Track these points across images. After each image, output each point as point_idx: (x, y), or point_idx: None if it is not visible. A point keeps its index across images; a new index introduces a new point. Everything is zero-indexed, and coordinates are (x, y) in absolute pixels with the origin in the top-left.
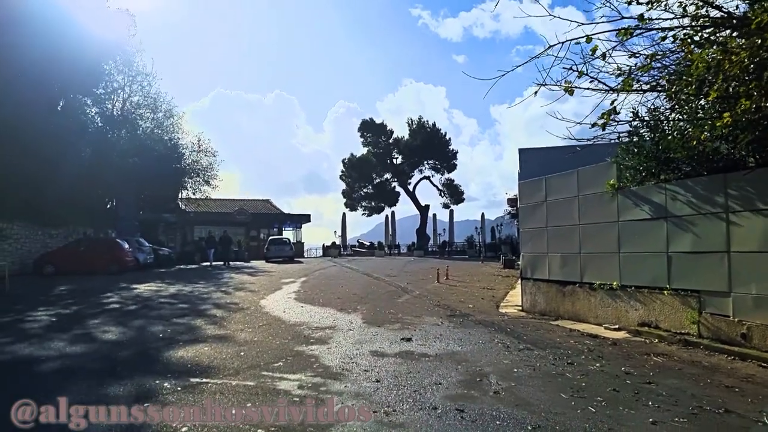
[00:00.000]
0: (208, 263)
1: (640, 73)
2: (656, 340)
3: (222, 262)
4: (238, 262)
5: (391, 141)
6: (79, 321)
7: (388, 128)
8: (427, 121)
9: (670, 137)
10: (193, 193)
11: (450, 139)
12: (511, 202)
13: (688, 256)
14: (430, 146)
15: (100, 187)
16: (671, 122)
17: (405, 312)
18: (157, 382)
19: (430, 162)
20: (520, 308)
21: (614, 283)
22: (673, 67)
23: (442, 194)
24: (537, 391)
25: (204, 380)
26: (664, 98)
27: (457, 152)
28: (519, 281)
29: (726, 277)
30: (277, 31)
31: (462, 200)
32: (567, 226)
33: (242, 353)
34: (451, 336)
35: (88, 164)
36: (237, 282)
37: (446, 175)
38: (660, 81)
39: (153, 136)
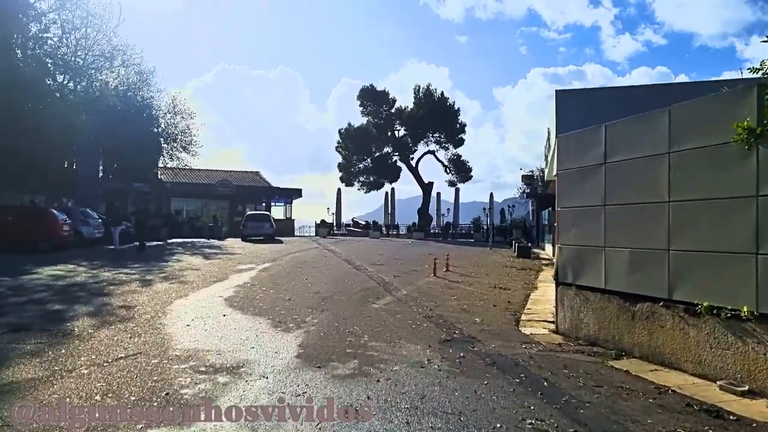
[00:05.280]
0: (117, 246)
1: None
2: None
3: (137, 243)
4: (212, 240)
5: (393, 111)
6: None
7: (390, 96)
8: (435, 89)
9: None
10: (170, 160)
11: (459, 109)
12: (526, 179)
13: None
14: (437, 117)
15: (52, 149)
16: None
17: (375, 331)
18: None
19: (435, 135)
20: (554, 328)
21: (744, 309)
22: None
23: (448, 171)
24: None
25: None
26: None
27: (465, 125)
28: (549, 283)
29: None
30: (280, 6)
31: (470, 178)
32: (644, 204)
33: None
34: (442, 400)
35: (34, 120)
36: (178, 267)
37: (453, 150)
38: None
39: (118, 92)
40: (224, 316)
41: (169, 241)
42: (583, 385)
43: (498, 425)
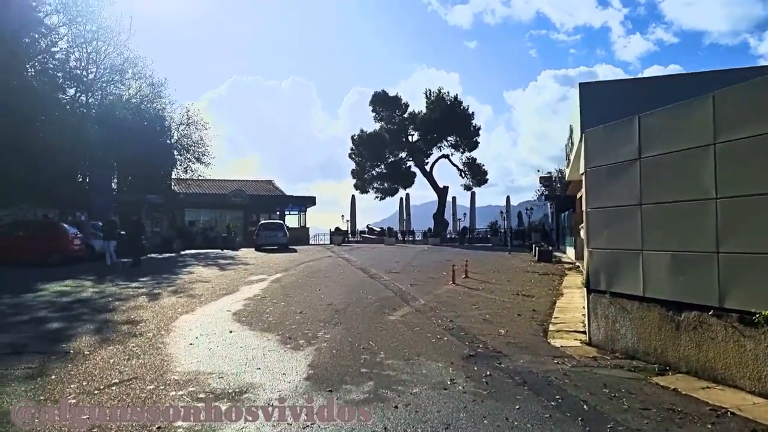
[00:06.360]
0: (109, 261)
1: None
2: None
3: (131, 259)
4: (226, 251)
5: (406, 116)
6: None
7: (402, 102)
8: (447, 92)
9: None
10: (184, 172)
11: (473, 113)
12: (544, 180)
13: None
14: (450, 121)
15: (64, 162)
16: None
17: (391, 347)
18: None
19: (449, 139)
20: (586, 340)
21: None
22: None
23: (463, 175)
24: None
25: None
26: None
27: (479, 128)
28: (575, 288)
29: None
30: (291, 18)
31: (485, 181)
32: (686, 202)
33: None
34: (470, 431)
35: (45, 133)
36: (188, 280)
37: (467, 154)
38: None
39: (130, 105)
40: (231, 332)
41: (182, 252)
42: (628, 408)
43: None
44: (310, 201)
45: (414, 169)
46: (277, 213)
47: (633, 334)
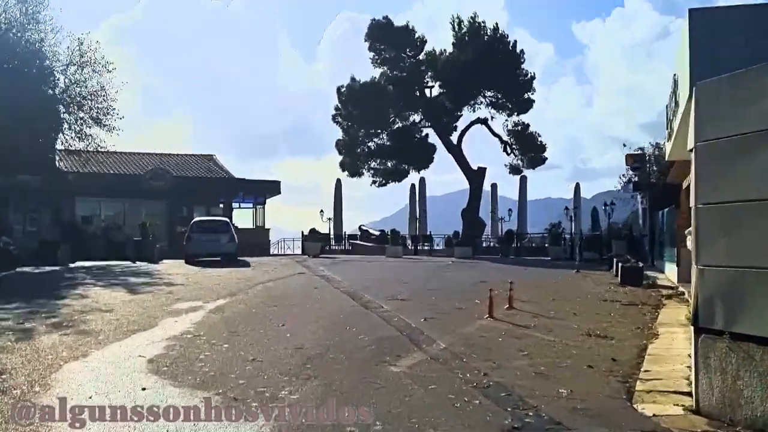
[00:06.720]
0: None
1: None
2: None
3: None
4: (139, 263)
5: (421, 57)
6: None
7: (416, 35)
8: (484, 22)
9: None
10: (78, 139)
11: (522, 52)
12: (633, 160)
13: None
14: (490, 66)
15: None
16: None
17: (393, 416)
18: None
19: (488, 94)
20: (692, 405)
21: None
22: None
23: (508, 150)
24: None
25: None
26: None
27: (534, 78)
28: (678, 327)
29: None
30: None
31: (542, 160)
32: None
33: None
34: None
35: None
36: (79, 307)
37: (515, 118)
38: None
39: None
40: (143, 390)
41: (72, 264)
42: None
43: None
44: (272, 187)
45: (433, 139)
46: (220, 206)
47: (765, 397)
